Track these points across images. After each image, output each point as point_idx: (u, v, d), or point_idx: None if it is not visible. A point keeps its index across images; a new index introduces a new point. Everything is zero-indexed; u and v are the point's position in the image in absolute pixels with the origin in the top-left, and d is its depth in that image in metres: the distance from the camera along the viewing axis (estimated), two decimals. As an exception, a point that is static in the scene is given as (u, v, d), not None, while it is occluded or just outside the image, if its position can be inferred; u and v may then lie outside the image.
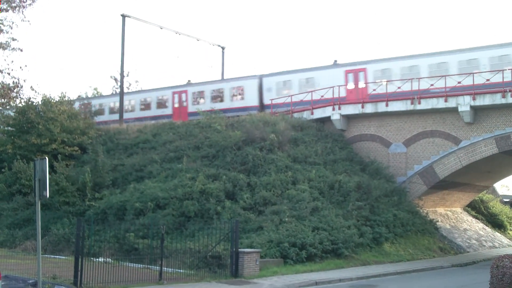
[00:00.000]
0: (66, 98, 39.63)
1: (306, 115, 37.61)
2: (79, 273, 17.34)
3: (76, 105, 43.89)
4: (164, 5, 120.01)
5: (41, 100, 38.18)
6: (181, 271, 20.81)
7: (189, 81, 49.79)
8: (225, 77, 52.29)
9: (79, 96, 58.25)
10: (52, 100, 38.19)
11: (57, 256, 24.80)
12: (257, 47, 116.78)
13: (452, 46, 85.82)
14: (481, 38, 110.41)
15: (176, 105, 46.10)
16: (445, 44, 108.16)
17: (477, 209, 45.11)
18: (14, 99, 31.89)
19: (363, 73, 37.55)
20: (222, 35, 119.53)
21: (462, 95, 32.24)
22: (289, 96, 38.69)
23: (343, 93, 37.20)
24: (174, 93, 46.56)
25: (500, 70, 31.85)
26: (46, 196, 14.77)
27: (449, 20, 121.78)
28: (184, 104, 45.71)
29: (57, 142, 35.85)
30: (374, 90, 36.00)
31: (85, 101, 49.39)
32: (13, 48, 30.28)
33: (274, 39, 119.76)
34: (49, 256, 24.63)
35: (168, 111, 46.41)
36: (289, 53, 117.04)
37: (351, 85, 37.79)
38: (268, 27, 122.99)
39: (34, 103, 37.85)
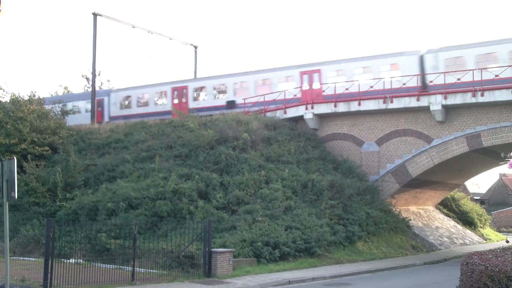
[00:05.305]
0: (36, 97, 39.02)
1: (279, 114, 37.61)
2: (49, 275, 17.01)
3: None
4: (137, 4, 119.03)
5: (10, 99, 37.54)
6: (154, 271, 20.61)
7: None
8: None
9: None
10: (21, 100, 37.55)
11: (27, 258, 24.46)
12: (231, 46, 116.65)
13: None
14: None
15: None
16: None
17: (449, 207, 45.71)
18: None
19: (185, 90, 43.88)
20: (196, 34, 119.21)
21: (434, 94, 32.58)
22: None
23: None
24: None
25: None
26: (14, 197, 14.49)
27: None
28: None
29: (26, 142, 35.24)
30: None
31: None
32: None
33: (248, 38, 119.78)
34: (18, 258, 24.23)
35: None
36: (264, 51, 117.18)
37: (176, 101, 44.12)
38: (242, 27, 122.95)
39: (2, 102, 37.20)
